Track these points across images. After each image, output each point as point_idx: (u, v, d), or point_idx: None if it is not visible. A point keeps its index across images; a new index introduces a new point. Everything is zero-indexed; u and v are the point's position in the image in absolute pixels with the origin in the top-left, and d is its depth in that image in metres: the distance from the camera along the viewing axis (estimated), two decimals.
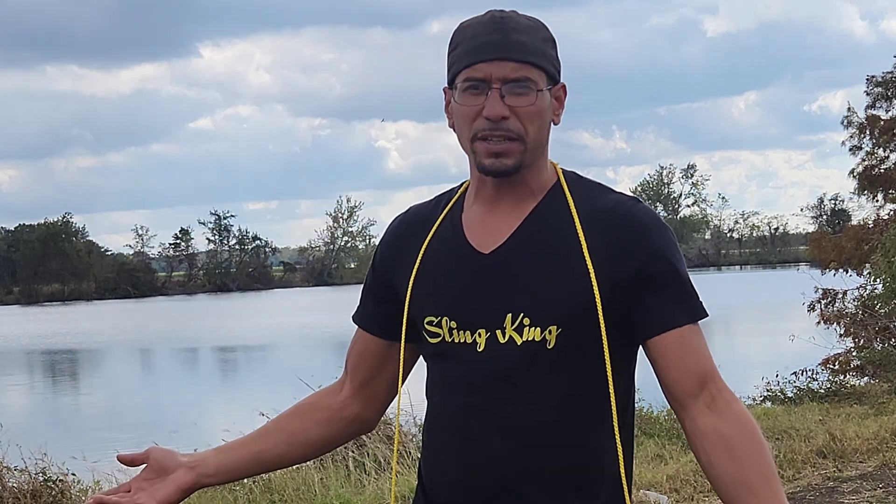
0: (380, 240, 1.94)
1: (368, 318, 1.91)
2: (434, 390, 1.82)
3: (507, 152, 1.71)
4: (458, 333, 1.75)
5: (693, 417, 1.73)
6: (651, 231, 1.74)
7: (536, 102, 1.71)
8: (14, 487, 7.25)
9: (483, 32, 1.72)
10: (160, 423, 14.00)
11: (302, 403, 1.96)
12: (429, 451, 1.84)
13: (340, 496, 6.95)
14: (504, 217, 1.76)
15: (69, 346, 37.55)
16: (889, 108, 22.01)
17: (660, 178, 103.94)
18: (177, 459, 1.83)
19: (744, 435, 1.71)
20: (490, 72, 1.70)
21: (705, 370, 1.74)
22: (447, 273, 1.78)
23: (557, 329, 1.70)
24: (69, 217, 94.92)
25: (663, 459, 7.83)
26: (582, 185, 1.80)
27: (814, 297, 17.09)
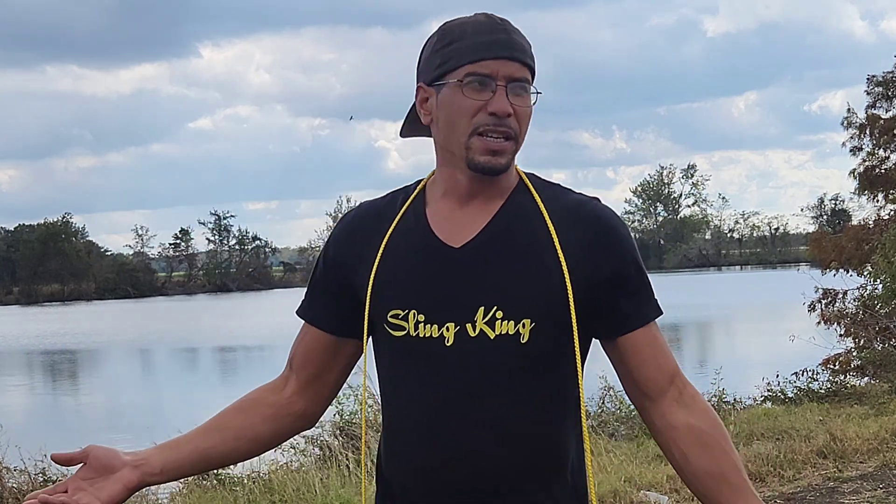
0: (330, 236, 1.91)
1: (319, 314, 1.88)
2: (395, 386, 1.80)
3: (504, 151, 1.73)
4: (425, 327, 1.73)
5: (663, 413, 1.77)
6: (620, 232, 1.78)
7: (531, 104, 1.75)
8: (14, 488, 7.25)
9: (486, 31, 1.73)
10: (160, 423, 13.98)
11: (245, 399, 1.92)
12: (393, 448, 1.81)
13: (341, 496, 6.94)
14: (473, 213, 1.77)
15: (69, 346, 37.54)
16: (889, 108, 21.99)
17: (660, 178, 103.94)
18: (120, 458, 1.78)
19: (714, 427, 1.77)
20: (497, 69, 1.71)
21: (673, 366, 1.80)
22: (413, 267, 1.76)
23: (531, 323, 1.71)
24: (69, 217, 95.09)
25: (663, 459, 7.82)
26: (544, 185, 1.82)
27: (814, 298, 17.08)
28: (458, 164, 1.76)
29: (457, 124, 1.74)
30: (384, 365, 1.81)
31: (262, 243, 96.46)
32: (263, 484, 7.57)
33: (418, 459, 1.75)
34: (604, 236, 1.76)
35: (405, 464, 1.78)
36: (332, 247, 1.88)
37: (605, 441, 8.39)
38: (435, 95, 1.77)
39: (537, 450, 1.74)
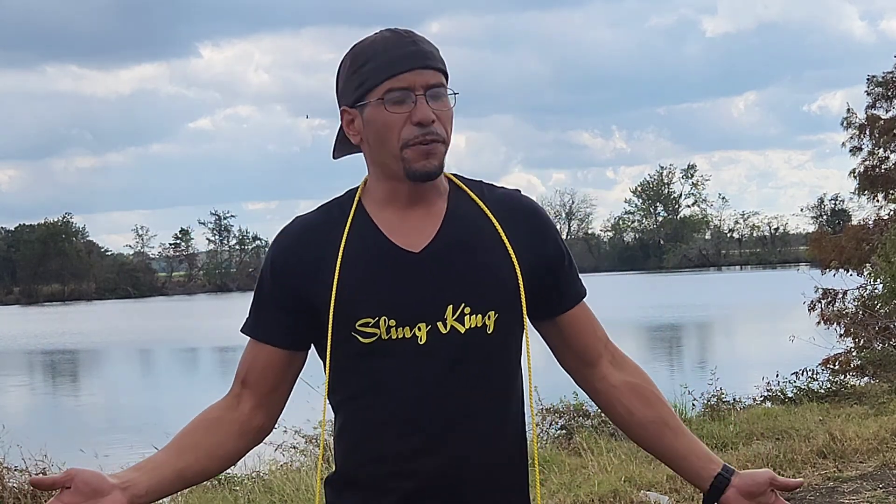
0: (272, 254, 1.92)
1: (271, 331, 1.91)
2: (360, 391, 1.85)
3: (435, 153, 1.81)
4: (397, 330, 1.81)
5: (603, 376, 1.97)
6: (548, 220, 1.95)
7: (451, 106, 1.84)
8: (14, 488, 7.25)
9: (396, 46, 1.80)
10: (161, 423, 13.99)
11: (207, 419, 1.95)
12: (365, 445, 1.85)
13: None
14: (423, 218, 1.86)
15: (69, 346, 37.54)
16: (889, 108, 22.01)
17: (660, 178, 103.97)
18: (108, 481, 1.79)
19: (647, 382, 1.99)
20: (413, 80, 1.79)
21: (604, 333, 2.00)
22: (377, 274, 1.82)
23: (495, 314, 1.83)
24: (69, 217, 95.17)
25: None
26: (472, 183, 1.93)
27: (814, 297, 17.10)
28: (397, 175, 1.83)
29: (387, 139, 1.81)
30: (347, 370, 1.86)
31: (262, 243, 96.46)
32: (263, 484, 7.58)
33: (397, 452, 1.82)
34: (538, 225, 1.92)
35: (382, 458, 1.83)
36: (279, 262, 1.89)
37: (606, 441, 8.39)
38: (360, 116, 1.84)
39: (508, 434, 1.87)
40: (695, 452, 1.98)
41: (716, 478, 1.95)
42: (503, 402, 1.86)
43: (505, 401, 1.87)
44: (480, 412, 1.83)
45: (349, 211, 1.88)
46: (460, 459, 1.82)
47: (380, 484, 1.84)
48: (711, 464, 1.97)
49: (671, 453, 1.98)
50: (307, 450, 8.79)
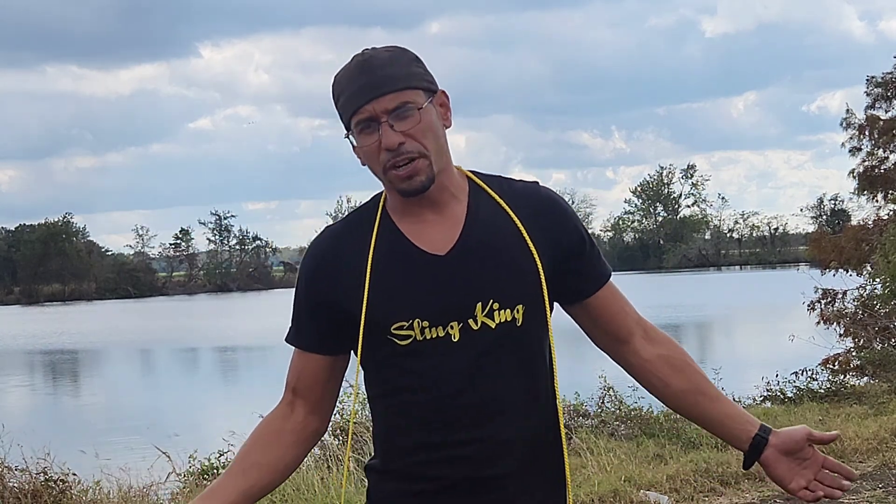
0: (305, 264, 2.01)
1: (312, 340, 2.01)
2: (397, 389, 1.94)
3: (416, 171, 1.89)
4: (430, 330, 1.90)
5: (636, 350, 2.06)
6: (567, 209, 2.02)
7: (422, 119, 1.89)
8: (15, 487, 7.25)
9: (354, 79, 1.91)
10: (161, 424, 14.01)
11: (265, 433, 2.04)
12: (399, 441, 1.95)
13: (341, 496, 6.95)
14: (443, 221, 1.95)
15: (69, 346, 37.55)
16: (889, 109, 22.00)
17: (660, 179, 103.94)
18: None
19: (680, 352, 2.07)
20: (373, 109, 1.88)
21: (634, 310, 2.08)
22: (407, 279, 1.92)
23: (523, 307, 1.92)
24: (69, 217, 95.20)
25: (663, 459, 7.83)
26: (491, 180, 2.02)
27: (813, 297, 17.09)
28: (394, 192, 1.94)
29: (372, 166, 1.93)
30: (386, 369, 1.95)
31: (262, 243, 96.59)
32: None
33: (436, 443, 1.91)
34: (557, 215, 1.99)
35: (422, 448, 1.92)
36: (312, 275, 1.99)
37: (605, 441, 8.40)
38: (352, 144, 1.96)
39: (542, 420, 1.97)
40: (731, 416, 2.04)
41: (754, 438, 2.02)
42: (536, 391, 1.96)
43: (537, 389, 1.96)
44: (515, 401, 1.92)
45: (375, 218, 1.97)
46: (498, 448, 1.91)
47: (420, 473, 1.93)
48: (749, 425, 2.04)
49: (709, 419, 2.05)
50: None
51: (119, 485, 7.76)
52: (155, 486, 7.79)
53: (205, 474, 8.15)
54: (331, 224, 2.05)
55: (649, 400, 10.03)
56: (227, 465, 8.23)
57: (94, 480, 7.85)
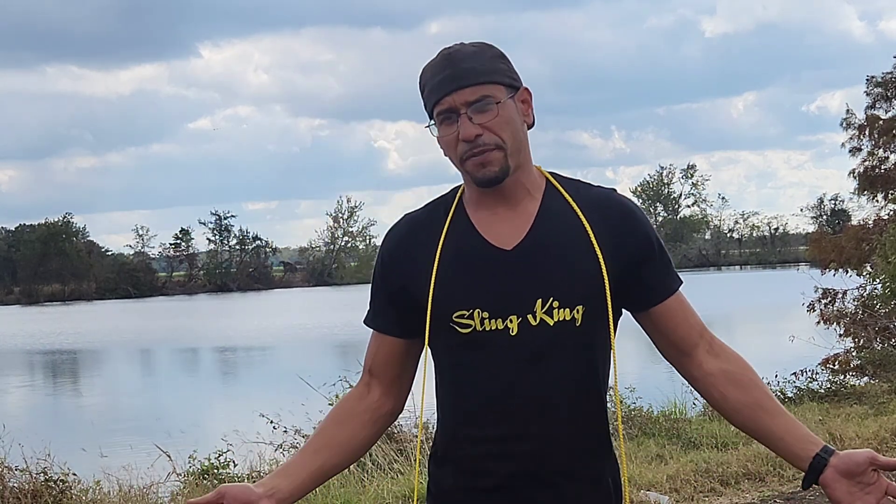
0: (382, 249, 2.10)
1: (388, 322, 2.09)
2: (460, 375, 2.00)
3: (492, 161, 1.95)
4: (490, 322, 1.95)
5: (700, 363, 2.06)
6: (639, 217, 2.04)
7: (500, 113, 1.95)
8: (15, 487, 7.25)
9: (438, 71, 1.98)
10: (161, 424, 14.01)
11: (339, 413, 2.12)
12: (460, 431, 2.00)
13: (341, 496, 6.95)
14: (515, 217, 2.00)
15: (69, 346, 37.55)
16: (889, 109, 22.00)
17: (660, 179, 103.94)
18: (255, 492, 1.96)
19: (744, 368, 2.07)
20: (453, 101, 1.95)
21: (701, 323, 2.10)
22: (472, 270, 1.98)
23: (583, 308, 1.95)
24: (70, 217, 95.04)
25: (663, 459, 7.83)
26: (568, 183, 2.06)
27: (813, 297, 17.08)
28: (470, 183, 2.01)
29: (451, 156, 2.00)
30: (448, 357, 2.02)
31: (262, 243, 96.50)
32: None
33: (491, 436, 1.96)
34: (628, 223, 2.02)
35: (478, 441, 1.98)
36: (387, 260, 2.08)
37: None
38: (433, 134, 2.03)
39: (593, 421, 2.01)
40: (791, 433, 2.03)
41: (814, 458, 1.99)
42: (588, 392, 1.99)
43: (590, 390, 1.99)
44: (567, 400, 1.96)
45: (450, 208, 2.05)
46: (549, 444, 1.95)
47: (477, 465, 1.99)
48: (810, 444, 2.00)
49: (768, 435, 2.04)
50: None
51: (119, 485, 7.76)
52: (155, 486, 7.80)
53: (205, 474, 8.15)
54: (410, 212, 2.12)
55: (649, 400, 10.04)
56: (226, 464, 8.25)
57: (95, 480, 7.86)
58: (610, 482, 2.03)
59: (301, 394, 9.49)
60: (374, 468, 7.93)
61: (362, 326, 2.18)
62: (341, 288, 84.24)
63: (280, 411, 9.28)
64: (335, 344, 30.55)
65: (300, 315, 46.75)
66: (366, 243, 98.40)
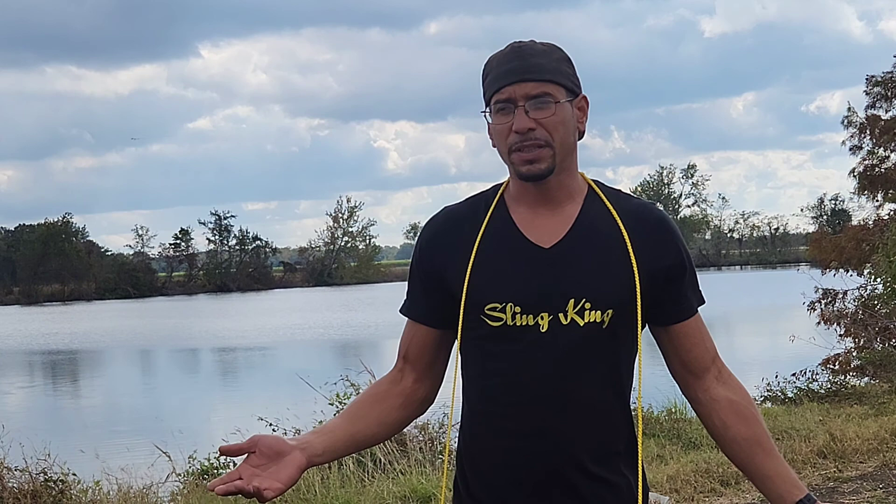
0: (420, 238, 2.13)
1: (423, 311, 2.12)
2: (489, 368, 2.02)
3: (539, 158, 1.97)
4: (521, 317, 1.97)
5: (707, 388, 2.08)
6: (675, 232, 2.07)
7: (557, 113, 1.97)
8: (14, 488, 7.24)
9: (505, 61, 2.00)
10: (161, 424, 14.00)
11: (376, 391, 2.15)
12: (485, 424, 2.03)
13: (341, 496, 6.94)
14: (555, 217, 2.02)
15: (69, 346, 37.53)
16: (889, 108, 21.96)
17: (660, 179, 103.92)
18: (288, 444, 1.98)
19: (748, 402, 2.09)
20: (514, 92, 1.97)
21: (714, 349, 2.12)
22: (508, 265, 2.00)
23: (613, 312, 1.97)
24: (69, 217, 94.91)
25: (664, 460, 7.83)
26: (610, 191, 2.08)
27: (814, 298, 17.06)
28: (514, 176, 2.03)
29: (500, 145, 2.02)
30: (476, 349, 2.04)
31: (262, 243, 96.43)
32: None
33: (516, 430, 1.99)
34: (664, 236, 2.04)
35: (501, 436, 2.00)
36: (425, 251, 2.11)
37: None
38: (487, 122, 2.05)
39: (616, 423, 2.02)
40: (781, 476, 2.07)
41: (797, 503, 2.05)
42: (612, 394, 2.01)
43: (614, 392, 2.01)
44: (592, 401, 1.98)
45: (491, 203, 2.07)
46: (572, 443, 1.98)
47: (498, 460, 2.01)
48: (795, 489, 2.06)
49: (759, 473, 2.08)
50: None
51: (119, 485, 7.75)
52: (155, 487, 7.79)
53: (204, 474, 8.14)
54: (450, 204, 2.13)
55: (649, 400, 10.02)
56: (226, 464, 8.25)
57: (94, 481, 7.85)
58: (631, 486, 2.04)
59: (301, 394, 9.48)
60: (374, 468, 7.92)
61: (362, 326, 2.18)
62: (341, 288, 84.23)
63: (280, 411, 9.27)
64: (335, 344, 30.51)
65: (300, 315, 46.69)
66: (366, 243, 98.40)
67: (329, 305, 55.66)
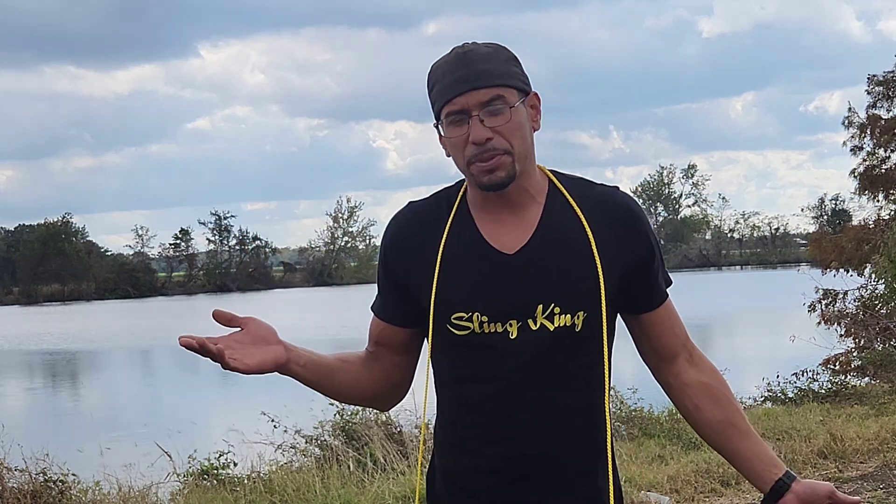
0: (384, 242, 2.08)
1: (389, 311, 2.08)
2: (456, 379, 2.00)
3: (499, 166, 1.91)
4: (489, 325, 1.94)
5: (678, 373, 2.07)
6: (642, 219, 2.02)
7: (513, 118, 1.92)
8: (14, 488, 7.23)
9: (451, 70, 1.93)
10: (161, 424, 13.98)
11: (363, 357, 2.11)
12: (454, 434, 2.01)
13: (341, 496, 6.94)
14: (517, 221, 1.98)
15: (69, 346, 37.52)
16: (890, 108, 21.96)
17: (660, 179, 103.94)
18: (277, 336, 1.94)
19: (721, 383, 2.08)
20: (466, 102, 1.91)
21: (684, 333, 2.09)
22: (472, 273, 1.96)
23: (584, 314, 1.94)
24: (69, 217, 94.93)
25: (664, 460, 7.82)
26: (571, 182, 2.03)
27: (814, 298, 17.06)
28: (474, 186, 1.98)
29: (456, 157, 1.96)
30: (445, 358, 2.01)
31: (262, 243, 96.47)
32: (264, 484, 7.57)
33: (480, 443, 1.97)
34: (631, 226, 2.00)
35: (473, 444, 1.98)
36: (389, 252, 2.06)
37: None
38: (440, 133, 1.99)
39: (592, 424, 1.98)
40: (759, 456, 2.06)
41: (776, 482, 2.04)
42: (588, 395, 1.98)
43: (590, 394, 1.98)
44: (565, 404, 1.96)
45: (454, 206, 2.02)
46: (546, 447, 1.95)
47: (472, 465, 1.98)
48: (774, 468, 2.05)
49: (736, 454, 2.07)
50: (307, 450, 8.78)
51: (119, 485, 7.74)
52: (155, 487, 7.78)
53: (204, 474, 8.14)
54: (414, 201, 2.08)
55: (650, 400, 10.02)
56: (226, 464, 8.25)
57: (94, 481, 7.84)
58: (608, 486, 2.02)
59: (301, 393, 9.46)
60: (374, 468, 7.91)
61: (362, 326, 2.17)
62: (341, 288, 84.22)
63: (279, 411, 9.26)
64: (335, 344, 30.50)
65: (300, 315, 46.70)
66: (366, 243, 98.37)
67: (329, 305, 55.66)
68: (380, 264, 2.09)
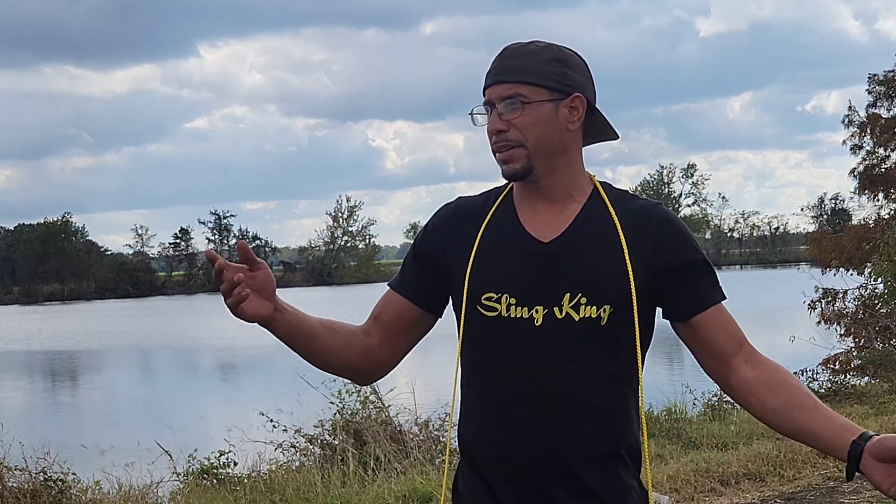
0: (428, 224, 2.15)
1: (409, 287, 2.12)
2: (480, 362, 2.04)
3: (512, 158, 2.01)
4: (516, 309, 1.99)
5: (738, 372, 2.06)
6: (680, 230, 2.07)
7: (528, 113, 1.99)
8: (14, 487, 7.24)
9: (492, 62, 2.06)
10: (161, 423, 13.98)
11: (351, 328, 2.14)
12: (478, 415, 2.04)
13: (341, 496, 6.94)
14: (555, 214, 2.05)
15: (69, 346, 37.52)
16: (890, 107, 21.97)
17: (660, 178, 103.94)
18: (274, 292, 2.03)
19: (781, 371, 2.07)
20: (491, 94, 2.03)
21: (741, 335, 2.10)
22: (507, 257, 2.03)
23: (610, 308, 1.98)
24: (68, 217, 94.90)
25: (664, 459, 7.82)
26: (614, 193, 2.09)
27: (814, 297, 17.06)
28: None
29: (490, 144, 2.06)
30: (474, 342, 2.05)
31: (261, 243, 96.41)
32: (264, 483, 7.57)
33: (499, 429, 1.99)
34: (667, 234, 2.04)
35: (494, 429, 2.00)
36: (430, 234, 2.13)
37: None
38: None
39: (613, 419, 2.00)
40: (830, 426, 1.99)
41: (851, 446, 1.95)
42: (611, 391, 2.00)
43: (612, 390, 2.00)
44: (587, 396, 1.98)
45: (500, 197, 2.11)
46: (566, 438, 1.97)
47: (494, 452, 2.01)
48: (846, 433, 1.96)
49: (808, 433, 2.01)
50: (307, 449, 8.78)
51: (119, 484, 7.75)
52: (154, 486, 7.78)
53: (205, 474, 8.14)
54: (465, 195, 2.18)
55: (650, 400, 10.02)
56: (226, 464, 8.25)
57: (94, 480, 7.84)
58: (631, 487, 2.02)
59: (303, 392, 9.47)
60: (375, 468, 7.92)
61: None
62: (341, 288, 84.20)
63: (280, 411, 9.26)
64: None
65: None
66: (365, 243, 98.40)
67: (329, 305, 55.64)
68: (416, 241, 2.15)
